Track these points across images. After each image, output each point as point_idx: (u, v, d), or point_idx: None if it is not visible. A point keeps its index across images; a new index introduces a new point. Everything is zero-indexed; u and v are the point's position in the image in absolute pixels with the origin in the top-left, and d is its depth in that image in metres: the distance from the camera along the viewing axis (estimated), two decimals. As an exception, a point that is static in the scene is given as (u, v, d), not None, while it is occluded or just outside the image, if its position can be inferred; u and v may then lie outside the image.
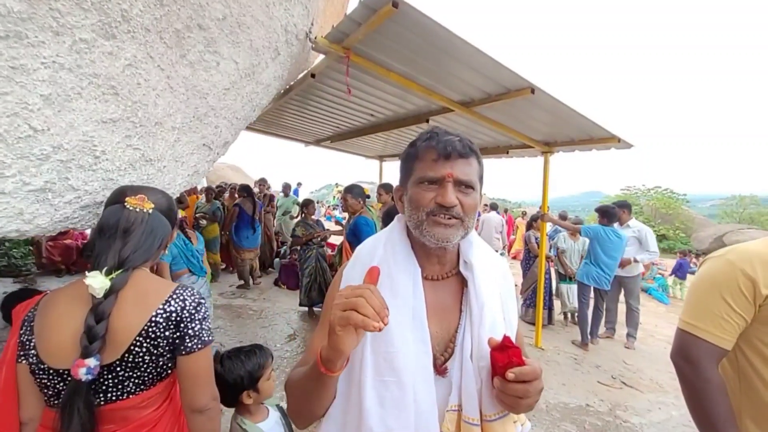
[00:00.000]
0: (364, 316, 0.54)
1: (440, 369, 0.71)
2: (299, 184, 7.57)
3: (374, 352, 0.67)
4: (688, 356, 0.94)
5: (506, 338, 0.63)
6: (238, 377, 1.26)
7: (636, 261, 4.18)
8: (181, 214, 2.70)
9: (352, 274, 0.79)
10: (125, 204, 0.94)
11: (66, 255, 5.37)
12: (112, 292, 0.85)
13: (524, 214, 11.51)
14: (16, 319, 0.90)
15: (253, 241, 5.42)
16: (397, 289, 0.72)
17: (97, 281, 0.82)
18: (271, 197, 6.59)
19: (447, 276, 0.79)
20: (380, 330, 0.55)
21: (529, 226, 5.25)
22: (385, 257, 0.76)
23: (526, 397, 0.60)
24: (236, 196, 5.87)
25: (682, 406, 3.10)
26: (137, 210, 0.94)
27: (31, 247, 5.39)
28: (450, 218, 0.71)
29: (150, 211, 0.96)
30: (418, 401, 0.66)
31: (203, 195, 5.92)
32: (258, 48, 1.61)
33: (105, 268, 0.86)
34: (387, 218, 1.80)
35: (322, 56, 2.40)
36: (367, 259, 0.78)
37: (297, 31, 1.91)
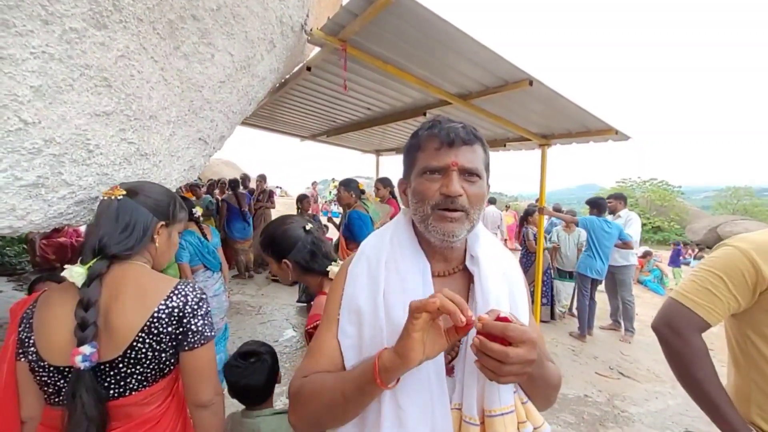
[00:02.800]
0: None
1: (448, 368, 0.69)
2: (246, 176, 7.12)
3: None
4: (671, 323, 0.99)
5: (494, 311, 0.58)
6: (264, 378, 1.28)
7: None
8: (199, 210, 2.59)
9: (356, 271, 0.75)
10: (102, 196, 0.96)
11: (60, 253, 5.29)
12: (92, 279, 0.85)
13: (507, 207, 11.43)
14: (14, 317, 0.89)
15: (244, 232, 5.64)
16: (407, 286, 0.69)
17: (72, 272, 0.84)
18: (271, 193, 6.55)
19: (454, 271, 0.76)
20: (463, 323, 0.53)
21: (524, 222, 5.02)
22: (392, 253, 0.73)
23: (506, 362, 0.52)
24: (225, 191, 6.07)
25: (678, 395, 3.13)
26: (106, 198, 0.95)
27: (24, 246, 5.33)
28: (455, 211, 0.68)
29: (119, 197, 0.95)
30: (434, 401, 0.64)
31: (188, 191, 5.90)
32: (253, 40, 1.58)
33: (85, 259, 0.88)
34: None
35: (318, 49, 2.37)
36: (373, 255, 0.75)
37: (292, 22, 1.88)
